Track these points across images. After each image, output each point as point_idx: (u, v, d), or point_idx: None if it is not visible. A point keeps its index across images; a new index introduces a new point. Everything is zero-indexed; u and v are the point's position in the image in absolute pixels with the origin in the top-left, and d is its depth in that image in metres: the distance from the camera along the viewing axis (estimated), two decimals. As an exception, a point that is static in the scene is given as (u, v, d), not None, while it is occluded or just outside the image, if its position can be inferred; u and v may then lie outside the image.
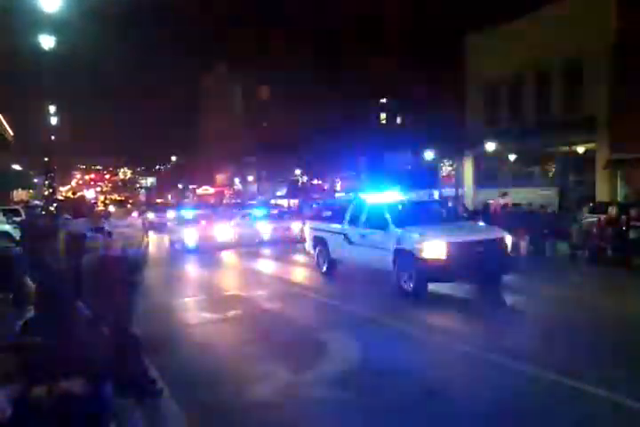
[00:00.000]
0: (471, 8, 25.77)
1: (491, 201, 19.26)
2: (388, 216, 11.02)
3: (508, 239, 10.48)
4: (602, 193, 21.51)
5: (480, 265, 9.76)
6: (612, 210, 14.28)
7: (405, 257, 10.15)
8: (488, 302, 9.73)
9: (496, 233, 10.65)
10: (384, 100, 37.90)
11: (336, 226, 12.76)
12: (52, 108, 38.77)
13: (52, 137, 47.16)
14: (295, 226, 21.60)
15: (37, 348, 3.59)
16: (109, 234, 6.12)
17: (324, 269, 13.29)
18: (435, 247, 9.70)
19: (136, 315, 5.91)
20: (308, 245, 14.24)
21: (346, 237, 12.15)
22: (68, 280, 5.07)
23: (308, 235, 14.27)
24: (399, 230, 10.48)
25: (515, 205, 18.39)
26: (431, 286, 10.21)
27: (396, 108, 36.94)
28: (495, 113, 26.95)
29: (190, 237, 20.13)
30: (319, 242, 13.48)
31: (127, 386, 4.81)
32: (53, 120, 40.28)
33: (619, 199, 20.36)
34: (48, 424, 3.25)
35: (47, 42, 20.31)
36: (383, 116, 39.44)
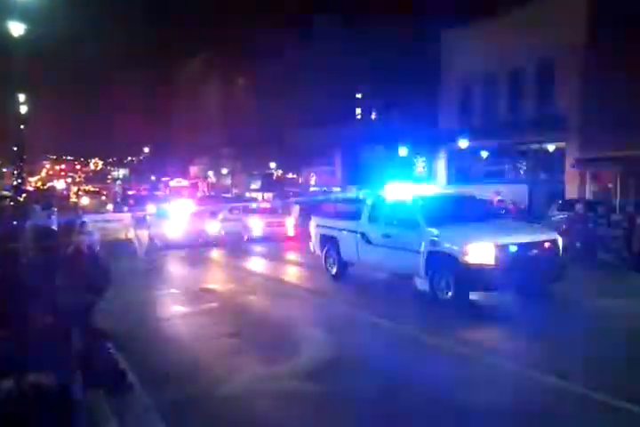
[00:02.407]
0: (445, 6, 25.95)
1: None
2: (418, 213, 9.55)
3: (561, 241, 9.21)
4: (571, 191, 21.95)
5: (533, 271, 8.57)
6: (579, 207, 14.60)
7: (443, 261, 8.81)
8: (539, 314, 8.39)
9: (547, 234, 9.44)
10: (359, 96, 38.00)
11: (351, 223, 11.23)
12: (22, 97, 37.85)
13: (22, 126, 46.10)
14: (289, 222, 20.44)
15: (4, 341, 3.56)
16: (82, 225, 6.04)
17: (334, 271, 11.80)
18: (481, 250, 8.38)
19: (103, 309, 5.85)
20: (315, 244, 12.62)
21: (363, 236, 10.69)
22: (37, 273, 5.01)
23: (315, 233, 12.65)
24: (433, 230, 9.06)
25: None
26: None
27: (370, 104, 37.08)
28: (468, 111, 27.22)
29: (172, 232, 18.69)
30: (328, 241, 11.97)
31: (97, 379, 4.78)
32: (23, 109, 39.34)
33: (587, 197, 20.80)
34: (17, 416, 3.23)
35: (17, 29, 19.80)
36: (358, 111, 39.57)
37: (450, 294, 8.69)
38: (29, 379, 3.35)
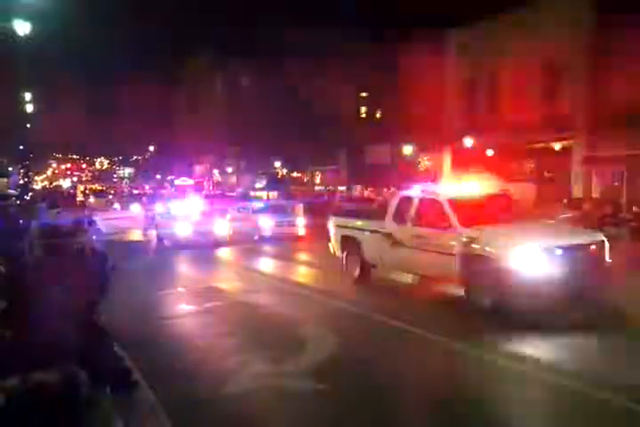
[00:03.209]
0: (450, 7, 25.88)
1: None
2: (451, 212, 8.91)
3: (607, 243, 8.55)
4: (577, 189, 21.85)
5: (580, 276, 7.88)
6: (586, 206, 14.53)
7: (481, 265, 8.12)
8: (589, 322, 7.54)
9: (594, 236, 8.77)
10: (364, 94, 37.90)
11: (374, 223, 10.73)
12: (28, 96, 38.03)
13: (28, 125, 46.34)
14: (299, 221, 20.01)
15: (9, 339, 3.56)
16: (90, 223, 6.03)
17: (356, 273, 11.15)
18: (525, 253, 7.73)
19: (109, 305, 5.83)
20: (335, 245, 12.02)
21: (389, 237, 10.03)
22: (42, 272, 5.01)
23: (334, 233, 12.07)
24: (469, 231, 8.43)
25: None
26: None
27: (375, 103, 36.99)
28: (474, 109, 27.14)
29: (180, 231, 18.26)
30: (349, 242, 11.37)
31: (101, 378, 4.78)
32: (29, 108, 39.52)
33: (593, 196, 20.71)
34: (22, 415, 3.23)
35: (22, 28, 19.84)
36: (363, 109, 39.45)
37: (488, 300, 8.01)
38: (34, 377, 3.34)
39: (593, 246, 8.41)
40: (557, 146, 23.35)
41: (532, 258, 7.70)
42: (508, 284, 7.73)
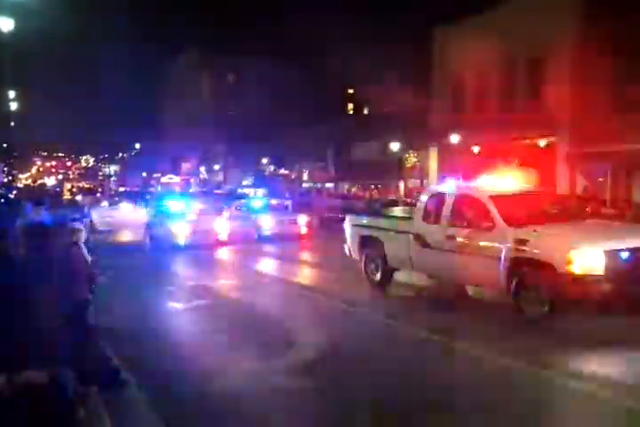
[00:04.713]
0: (435, 5, 26.08)
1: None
2: (495, 210, 8.02)
3: None
4: (562, 186, 22.04)
5: None
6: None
7: (534, 270, 7.36)
8: None
9: None
10: (351, 91, 37.99)
11: (400, 223, 9.92)
12: (12, 94, 37.57)
13: (12, 123, 45.84)
14: (301, 219, 19.25)
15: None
16: (74, 221, 6.01)
17: (378, 278, 10.13)
18: (588, 257, 6.92)
19: (96, 304, 5.82)
20: (351, 246, 10.89)
21: (419, 237, 9.05)
22: (27, 271, 4.99)
23: (351, 234, 10.94)
24: (518, 231, 7.58)
25: None
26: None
27: (362, 100, 37.09)
28: (460, 106, 27.27)
29: (174, 231, 17.21)
30: (370, 243, 10.32)
31: (90, 377, 4.78)
32: (13, 106, 39.06)
33: (578, 192, 20.92)
34: (8, 415, 3.22)
35: (6, 24, 19.60)
36: (350, 106, 39.53)
37: (544, 310, 7.18)
38: (21, 377, 3.34)
39: None
40: (542, 142, 23.54)
41: (594, 262, 6.92)
42: (565, 291, 6.95)
